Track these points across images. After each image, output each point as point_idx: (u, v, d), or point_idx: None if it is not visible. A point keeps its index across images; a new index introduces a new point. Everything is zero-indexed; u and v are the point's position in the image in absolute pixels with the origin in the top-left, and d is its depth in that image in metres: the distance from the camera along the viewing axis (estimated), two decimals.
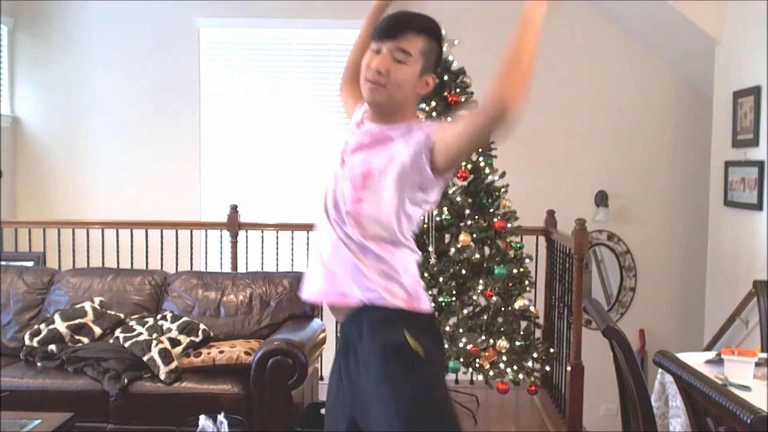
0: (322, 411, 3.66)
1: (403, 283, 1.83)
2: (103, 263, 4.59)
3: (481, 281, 3.72)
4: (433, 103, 3.85)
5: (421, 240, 3.78)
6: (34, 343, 3.60)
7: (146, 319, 3.67)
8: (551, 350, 4.06)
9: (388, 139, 1.86)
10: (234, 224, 4.52)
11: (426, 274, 3.71)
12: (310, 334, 3.54)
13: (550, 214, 4.47)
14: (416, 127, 1.84)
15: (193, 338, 3.53)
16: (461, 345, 3.65)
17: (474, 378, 3.79)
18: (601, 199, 5.25)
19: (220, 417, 2.99)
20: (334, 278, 1.86)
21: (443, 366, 1.95)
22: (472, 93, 3.93)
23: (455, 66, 3.90)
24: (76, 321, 3.65)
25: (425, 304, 1.86)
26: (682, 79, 5.26)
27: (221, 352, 3.44)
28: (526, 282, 3.85)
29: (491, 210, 3.85)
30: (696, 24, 4.43)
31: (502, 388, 3.73)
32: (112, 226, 4.71)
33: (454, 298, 3.71)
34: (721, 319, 4.23)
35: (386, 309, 1.81)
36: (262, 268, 4.52)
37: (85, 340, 3.62)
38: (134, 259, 4.60)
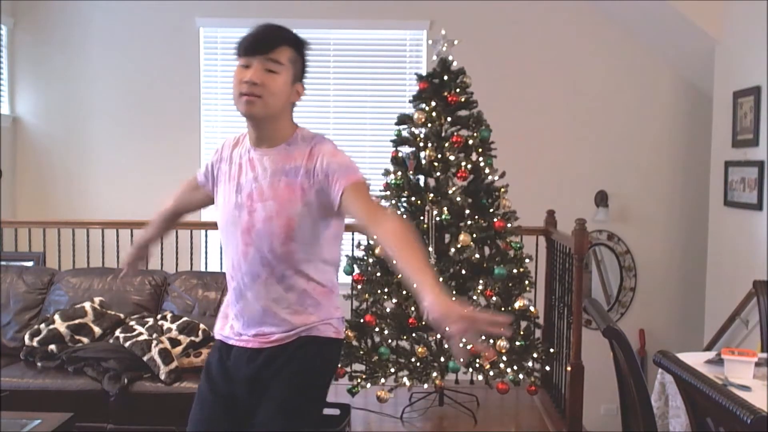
0: (323, 411, 3.65)
1: None
2: (103, 263, 4.58)
3: (481, 281, 3.72)
4: (433, 103, 3.85)
5: (421, 240, 3.78)
6: (34, 343, 3.61)
7: (146, 319, 3.67)
8: (551, 350, 4.07)
9: (292, 175, 1.87)
10: None
11: None
12: None
13: (550, 214, 4.47)
14: (314, 149, 1.88)
15: (193, 338, 3.53)
16: (461, 345, 3.64)
17: (474, 378, 3.79)
18: (601, 199, 5.25)
19: None
20: None
21: None
22: (471, 93, 3.93)
23: (455, 66, 3.90)
24: (76, 321, 3.65)
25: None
26: (682, 79, 5.27)
27: None
28: (526, 282, 3.84)
29: (491, 210, 3.85)
30: (696, 24, 4.43)
31: (502, 388, 3.73)
32: (112, 226, 4.70)
33: (454, 298, 3.70)
34: (721, 319, 4.23)
35: None
36: None
37: (85, 340, 3.62)
38: None
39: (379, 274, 3.81)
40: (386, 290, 3.77)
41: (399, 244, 1.73)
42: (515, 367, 3.71)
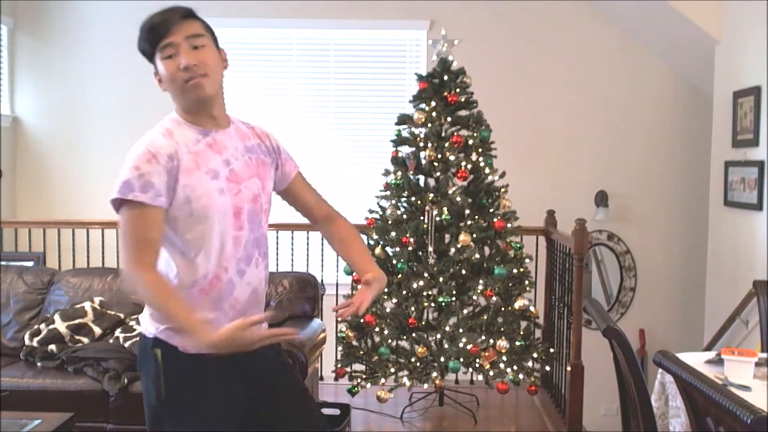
0: (323, 411, 3.66)
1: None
2: (103, 263, 4.59)
3: (481, 281, 3.72)
4: (433, 103, 3.85)
5: (421, 240, 3.79)
6: (34, 343, 3.61)
7: None
8: (551, 350, 4.07)
9: (267, 153, 1.95)
10: None
11: (426, 274, 3.71)
12: (310, 334, 3.54)
13: (550, 214, 4.47)
14: (256, 129, 1.97)
15: None
16: (461, 345, 3.65)
17: (474, 378, 3.79)
18: (601, 199, 5.25)
19: None
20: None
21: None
22: (472, 93, 3.93)
23: (455, 66, 3.90)
24: (76, 321, 3.66)
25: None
26: (682, 79, 5.27)
27: None
28: (526, 282, 3.85)
29: (491, 210, 3.85)
30: (696, 24, 4.43)
31: (502, 388, 3.73)
32: (112, 226, 4.69)
33: (454, 298, 3.71)
34: (721, 319, 4.23)
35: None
36: None
37: (85, 340, 3.63)
38: None
39: None
40: (386, 290, 3.77)
41: (355, 238, 2.05)
42: (515, 367, 3.71)
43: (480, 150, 3.84)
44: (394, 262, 3.80)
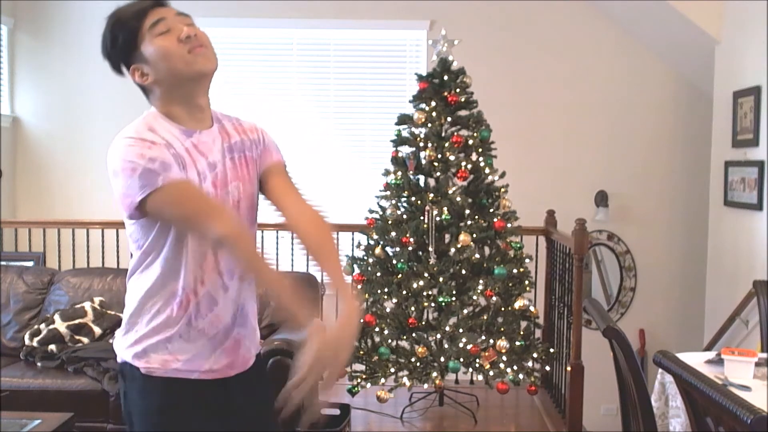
0: (323, 411, 3.66)
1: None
2: (103, 263, 4.59)
3: (481, 281, 3.72)
4: (433, 103, 3.85)
5: (421, 240, 3.79)
6: (34, 343, 3.61)
7: None
8: (551, 350, 4.07)
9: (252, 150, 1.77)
10: None
11: (426, 274, 3.71)
12: None
13: (550, 214, 4.47)
14: (243, 123, 1.81)
15: None
16: (461, 345, 3.65)
17: (474, 378, 3.79)
18: (601, 199, 5.25)
19: None
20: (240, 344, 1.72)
21: None
22: (472, 93, 3.94)
23: (455, 66, 3.90)
24: (76, 321, 3.66)
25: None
26: (682, 78, 5.27)
27: None
28: (526, 282, 3.85)
29: (491, 210, 3.85)
30: (696, 24, 4.43)
31: (502, 388, 3.73)
32: (112, 226, 4.70)
33: (454, 298, 3.71)
34: (721, 319, 4.23)
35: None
36: None
37: (85, 340, 3.63)
38: None
39: (379, 274, 3.81)
40: (386, 290, 3.77)
41: (325, 243, 1.65)
42: (515, 367, 3.71)
43: (480, 150, 3.84)
44: (394, 262, 3.79)
